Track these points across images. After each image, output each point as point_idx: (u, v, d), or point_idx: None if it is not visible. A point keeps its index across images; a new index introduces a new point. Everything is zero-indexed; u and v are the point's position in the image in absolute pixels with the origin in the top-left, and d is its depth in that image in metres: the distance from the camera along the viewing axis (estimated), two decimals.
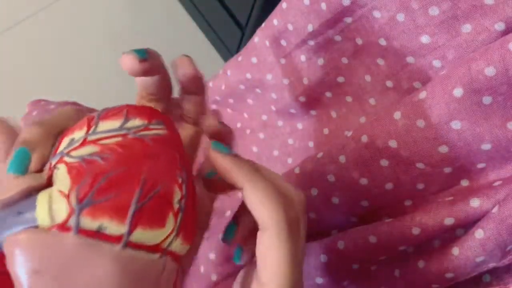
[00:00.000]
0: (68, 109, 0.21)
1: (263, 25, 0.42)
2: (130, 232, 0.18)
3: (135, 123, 0.20)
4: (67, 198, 0.17)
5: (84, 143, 0.19)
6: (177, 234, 0.19)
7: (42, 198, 0.18)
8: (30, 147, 0.19)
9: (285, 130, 0.44)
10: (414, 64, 0.31)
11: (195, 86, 0.25)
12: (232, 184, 0.21)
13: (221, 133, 0.26)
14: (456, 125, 0.26)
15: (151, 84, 0.24)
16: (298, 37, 0.38)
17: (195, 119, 0.26)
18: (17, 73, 1.05)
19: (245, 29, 0.84)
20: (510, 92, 0.24)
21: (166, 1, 1.16)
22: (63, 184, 0.18)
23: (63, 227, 0.17)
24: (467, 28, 0.27)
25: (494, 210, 0.25)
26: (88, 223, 0.17)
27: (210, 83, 0.50)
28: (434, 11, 0.28)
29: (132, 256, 0.18)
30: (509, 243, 0.24)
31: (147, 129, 0.20)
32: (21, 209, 0.18)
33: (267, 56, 0.42)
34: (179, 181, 0.20)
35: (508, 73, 0.24)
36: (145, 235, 0.18)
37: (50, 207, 0.18)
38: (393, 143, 0.29)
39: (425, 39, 0.30)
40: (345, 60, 0.36)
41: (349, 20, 0.34)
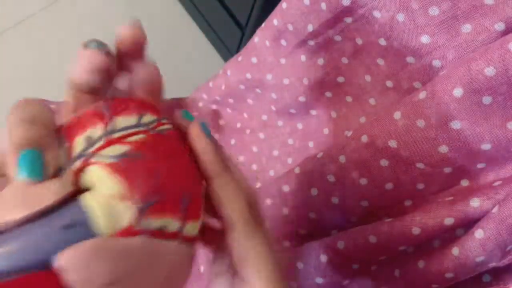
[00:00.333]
0: (44, 106, 0.19)
1: (263, 25, 0.42)
2: (183, 226, 0.18)
3: (149, 118, 0.19)
4: (127, 200, 0.16)
5: (110, 142, 0.18)
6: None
7: (95, 205, 0.16)
8: (38, 147, 0.17)
9: (285, 130, 0.44)
10: (414, 64, 0.31)
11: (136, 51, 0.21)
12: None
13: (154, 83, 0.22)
14: (456, 125, 0.26)
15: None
16: (298, 37, 0.38)
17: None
18: (17, 73, 1.05)
19: (245, 29, 0.84)
20: (510, 92, 0.24)
21: (166, 1, 1.16)
22: (110, 186, 0.17)
23: (129, 231, 0.16)
24: (467, 28, 0.27)
25: (494, 210, 0.25)
26: (152, 223, 0.17)
27: (210, 83, 0.50)
28: (434, 11, 0.28)
29: (184, 249, 0.18)
30: (509, 243, 0.24)
31: (160, 124, 0.20)
32: (63, 221, 0.16)
33: (267, 56, 0.42)
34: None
35: (508, 73, 0.24)
36: (192, 227, 0.19)
37: (110, 212, 0.16)
38: (393, 143, 0.29)
39: (425, 39, 0.30)
40: (345, 60, 0.36)
41: (349, 20, 0.34)
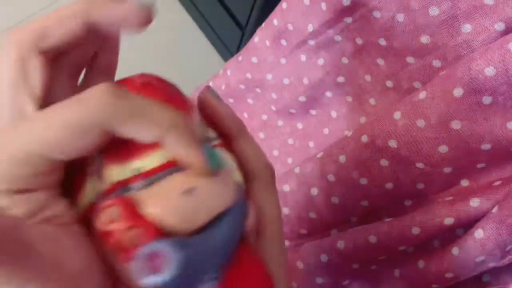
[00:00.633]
0: None
1: (263, 25, 0.42)
2: None
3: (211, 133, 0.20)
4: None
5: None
6: None
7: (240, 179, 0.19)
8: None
9: (285, 130, 0.44)
10: (414, 64, 0.31)
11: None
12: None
13: (209, 107, 0.21)
14: (456, 125, 0.26)
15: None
16: (298, 37, 0.38)
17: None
18: None
19: (245, 29, 0.84)
20: (510, 92, 0.24)
21: (166, 1, 1.16)
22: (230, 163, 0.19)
23: None
24: (467, 28, 0.27)
25: (494, 210, 0.25)
26: None
27: (210, 82, 0.50)
28: (434, 11, 0.28)
29: None
30: (508, 243, 0.24)
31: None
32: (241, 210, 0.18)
33: (267, 56, 0.42)
34: None
35: (508, 73, 0.24)
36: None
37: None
38: (393, 143, 0.29)
39: (425, 39, 0.30)
40: (345, 60, 0.36)
41: (349, 20, 0.34)
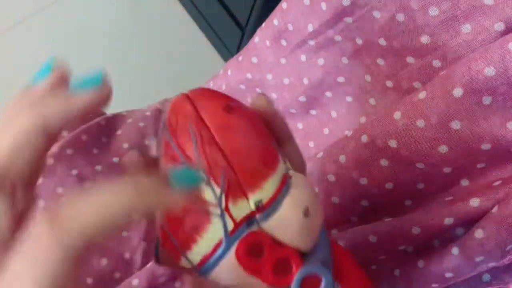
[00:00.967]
0: None
1: (263, 25, 0.42)
2: None
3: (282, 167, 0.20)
4: None
5: None
6: None
7: None
8: None
9: None
10: (414, 64, 0.31)
11: None
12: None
13: (267, 114, 0.23)
14: (456, 125, 0.26)
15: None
16: (298, 37, 0.38)
17: None
18: (17, 73, 1.05)
19: (245, 29, 0.84)
20: (510, 92, 0.24)
21: (166, 1, 1.16)
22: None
23: None
24: (467, 28, 0.27)
25: (494, 210, 0.25)
26: None
27: (211, 83, 0.50)
28: (434, 11, 0.28)
29: None
30: (508, 243, 0.24)
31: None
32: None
33: (267, 56, 0.42)
34: None
35: (507, 73, 0.24)
36: None
37: None
38: (393, 143, 0.29)
39: (425, 39, 0.30)
40: (345, 60, 0.36)
41: (349, 20, 0.34)
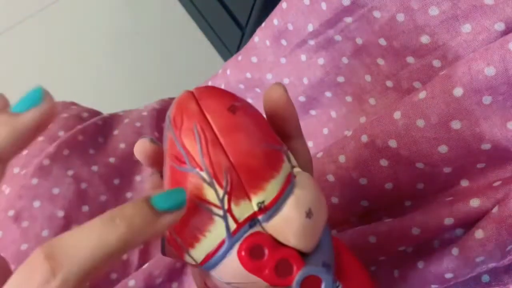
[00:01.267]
0: None
1: (263, 24, 0.42)
2: None
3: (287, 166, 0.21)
4: None
5: None
6: None
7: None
8: None
9: None
10: (414, 64, 0.31)
11: None
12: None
13: (280, 105, 0.23)
14: (456, 125, 0.26)
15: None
16: (298, 36, 0.38)
17: None
18: (17, 73, 1.05)
19: (245, 29, 0.84)
20: (510, 92, 0.24)
21: (166, 1, 1.16)
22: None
23: None
24: (467, 28, 0.27)
25: (494, 210, 0.25)
26: None
27: (209, 82, 0.50)
28: (434, 11, 0.28)
29: None
30: (509, 243, 0.24)
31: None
32: None
33: (267, 56, 0.42)
34: None
35: (508, 73, 0.24)
36: None
37: None
38: (393, 143, 0.29)
39: (425, 39, 0.30)
40: (345, 60, 0.36)
41: (349, 20, 0.34)
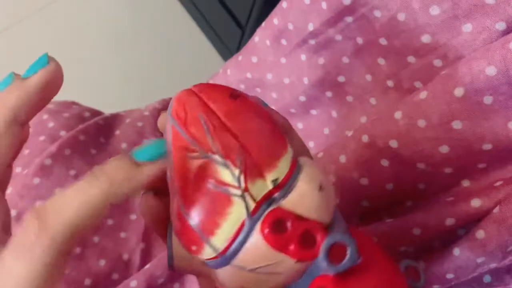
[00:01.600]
0: None
1: (263, 24, 0.42)
2: None
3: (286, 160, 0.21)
4: None
5: None
6: None
7: None
8: None
9: None
10: (415, 63, 0.31)
11: None
12: None
13: None
14: (457, 125, 0.26)
15: None
16: (299, 36, 0.37)
17: None
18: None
19: (245, 28, 0.84)
20: (511, 91, 0.24)
21: (166, 1, 1.16)
22: None
23: None
24: (468, 27, 0.27)
25: (495, 211, 0.25)
26: None
27: (210, 82, 0.50)
28: (435, 10, 0.28)
29: None
30: (510, 243, 0.24)
31: None
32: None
33: (267, 56, 0.42)
34: None
35: (509, 72, 0.23)
36: None
37: None
38: (393, 143, 0.28)
39: (426, 38, 0.30)
40: (345, 60, 0.36)
41: (349, 19, 0.34)
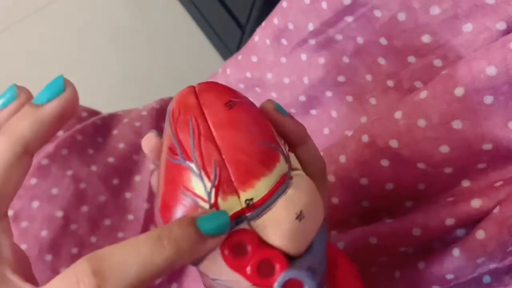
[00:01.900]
0: None
1: (263, 24, 0.42)
2: None
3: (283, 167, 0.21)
4: None
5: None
6: None
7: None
8: None
9: None
10: (415, 63, 0.31)
11: None
12: None
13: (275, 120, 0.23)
14: (457, 125, 0.26)
15: None
16: (299, 36, 0.37)
17: None
18: (16, 72, 1.04)
19: (245, 28, 0.84)
20: (511, 91, 0.24)
21: (166, 1, 1.16)
22: None
23: None
24: (468, 27, 0.27)
25: (495, 211, 0.25)
26: None
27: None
28: (435, 10, 0.28)
29: None
30: (510, 244, 0.24)
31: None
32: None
33: (267, 55, 0.42)
34: None
35: (509, 72, 0.23)
36: None
37: None
38: (394, 143, 0.28)
39: (426, 38, 0.30)
40: (346, 59, 0.36)
41: (350, 19, 0.33)
